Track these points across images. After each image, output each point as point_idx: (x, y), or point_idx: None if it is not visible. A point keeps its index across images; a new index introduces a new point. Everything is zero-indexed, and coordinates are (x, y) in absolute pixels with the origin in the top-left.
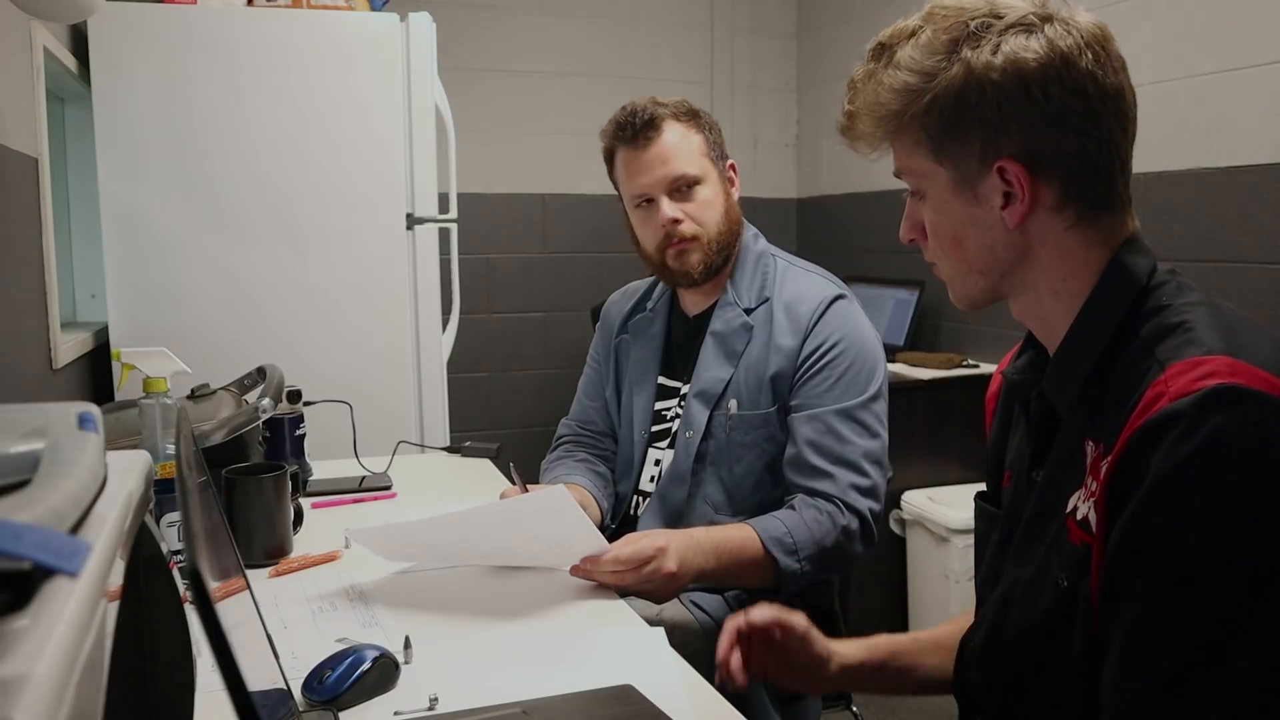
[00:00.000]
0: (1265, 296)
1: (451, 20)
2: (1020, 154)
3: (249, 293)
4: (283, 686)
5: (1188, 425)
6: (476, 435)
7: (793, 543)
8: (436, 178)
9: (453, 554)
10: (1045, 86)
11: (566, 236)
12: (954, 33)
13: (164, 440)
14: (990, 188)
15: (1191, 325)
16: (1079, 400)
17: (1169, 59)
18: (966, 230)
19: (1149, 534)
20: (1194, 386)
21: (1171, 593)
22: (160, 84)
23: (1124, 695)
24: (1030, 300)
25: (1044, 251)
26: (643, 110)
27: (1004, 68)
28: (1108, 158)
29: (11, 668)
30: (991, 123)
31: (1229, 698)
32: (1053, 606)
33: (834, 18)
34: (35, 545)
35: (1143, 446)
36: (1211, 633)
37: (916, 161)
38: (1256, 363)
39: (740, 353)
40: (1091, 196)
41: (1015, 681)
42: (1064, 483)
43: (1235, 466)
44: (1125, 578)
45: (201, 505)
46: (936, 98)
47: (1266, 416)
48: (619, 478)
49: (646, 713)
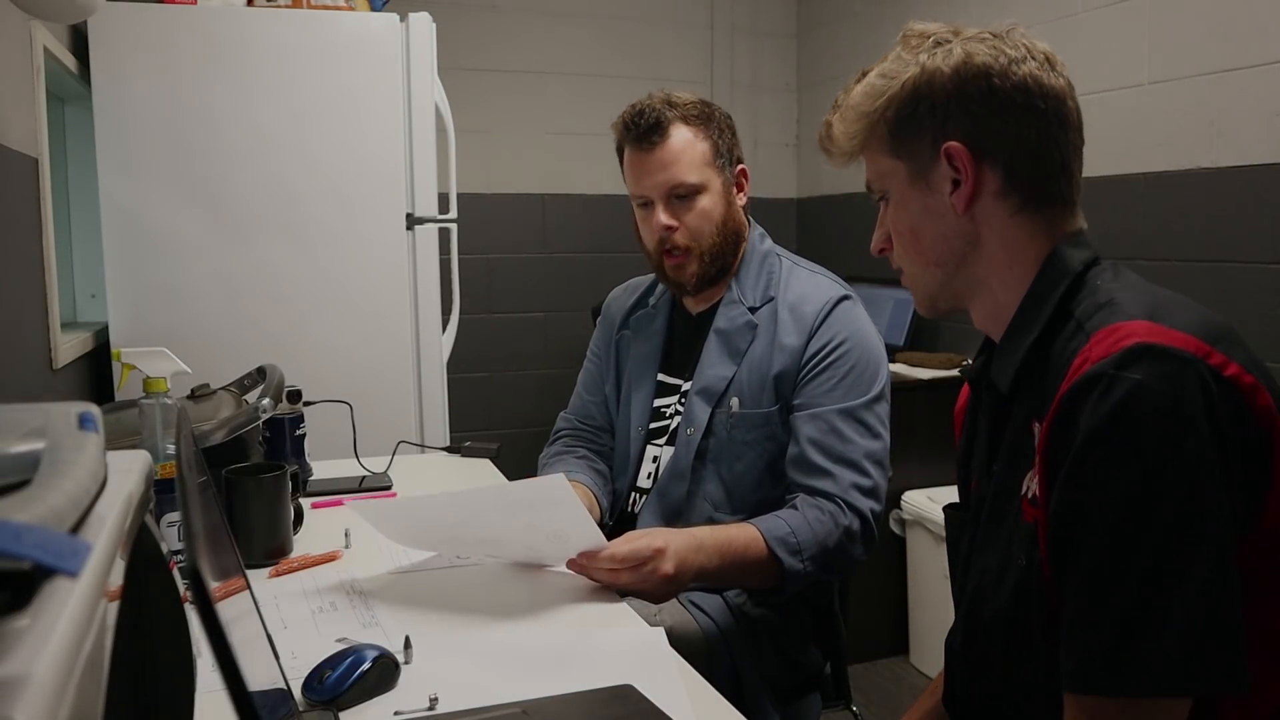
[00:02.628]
0: (1265, 296)
1: (451, 20)
2: (965, 138)
3: (249, 293)
4: (283, 686)
5: (1108, 383)
6: (476, 435)
7: (796, 543)
8: (436, 178)
9: (451, 541)
10: (990, 80)
11: (566, 236)
12: (917, 45)
13: (164, 440)
14: (941, 175)
15: (1118, 300)
16: (1023, 385)
17: (1169, 59)
18: (922, 220)
19: (1082, 491)
20: (1114, 349)
21: (1109, 544)
22: (160, 84)
23: (1081, 651)
24: (985, 300)
25: (991, 238)
26: (650, 111)
27: (954, 65)
28: (1048, 151)
29: (11, 668)
30: (940, 111)
31: (1179, 629)
32: (1015, 589)
33: (834, 18)
34: (35, 545)
35: (1070, 410)
36: (1151, 574)
37: (880, 161)
38: (1177, 326)
39: (744, 351)
40: (1033, 185)
41: (994, 673)
42: (1017, 467)
43: (1153, 417)
44: (1067, 539)
45: (201, 505)
46: (895, 95)
47: (1181, 369)
48: (616, 474)
49: (646, 713)
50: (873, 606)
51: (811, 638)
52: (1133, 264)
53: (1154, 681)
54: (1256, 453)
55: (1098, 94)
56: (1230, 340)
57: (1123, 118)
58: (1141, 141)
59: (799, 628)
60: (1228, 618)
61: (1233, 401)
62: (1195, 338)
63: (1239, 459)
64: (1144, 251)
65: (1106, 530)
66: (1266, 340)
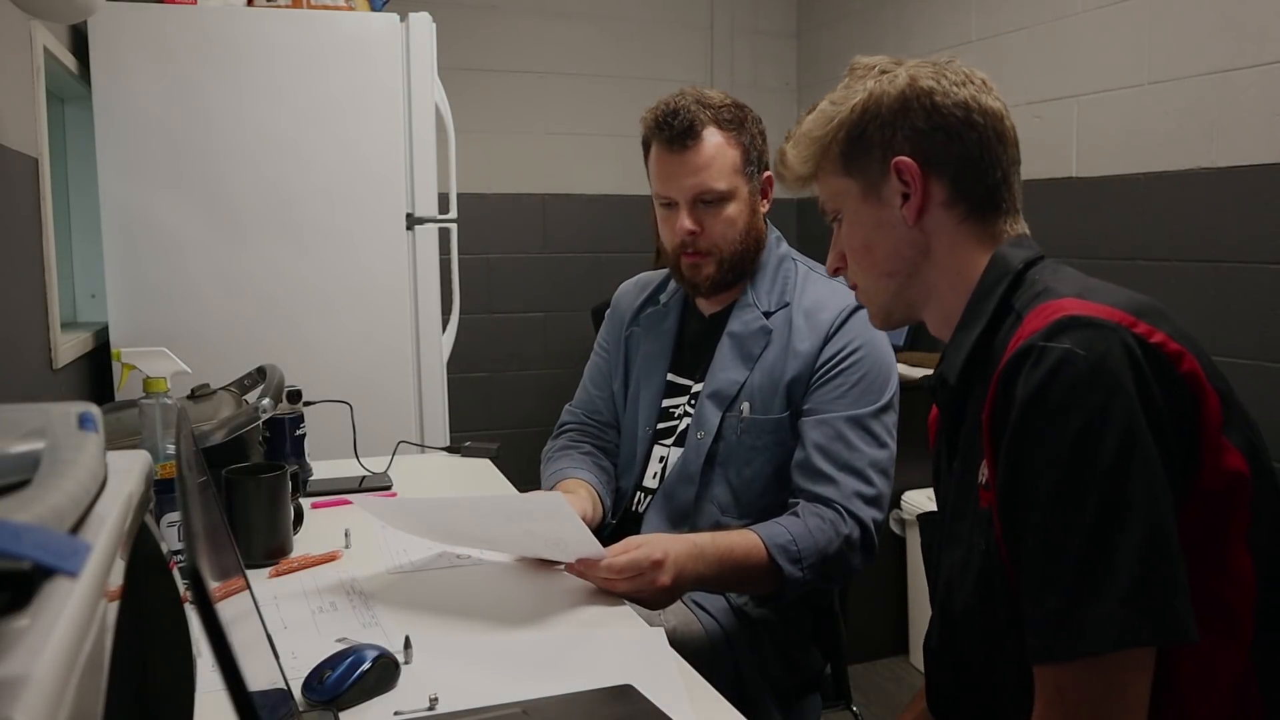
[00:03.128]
0: (1265, 296)
1: (451, 20)
2: (913, 153)
3: (249, 293)
4: (283, 686)
5: (1039, 354)
6: (476, 435)
7: (797, 550)
8: (436, 178)
9: (451, 534)
10: (933, 98)
11: (566, 236)
12: (864, 74)
13: (164, 440)
14: (891, 190)
15: (1051, 287)
16: (973, 380)
17: (1169, 59)
18: (875, 234)
19: (1021, 460)
20: (1044, 324)
21: (1051, 510)
22: (160, 84)
23: (1038, 623)
24: (936, 307)
25: (940, 247)
26: (685, 113)
27: (900, 87)
28: (990, 163)
29: (11, 668)
30: (888, 129)
31: (1123, 583)
32: (979, 577)
33: (834, 17)
34: (35, 545)
35: (1007, 384)
36: (1092, 534)
37: (832, 182)
38: (1105, 302)
39: (757, 356)
40: (978, 195)
41: (972, 667)
42: (973, 459)
43: (1082, 380)
44: (1014, 511)
45: (201, 505)
46: (845, 119)
47: (1106, 336)
48: (621, 472)
49: (646, 713)
50: (873, 606)
51: (812, 638)
52: (1133, 264)
53: (1104, 638)
54: (1186, 414)
55: (1098, 94)
56: (1156, 314)
57: (1123, 118)
58: (1141, 141)
59: (800, 628)
60: (1168, 567)
61: (1159, 365)
62: (1120, 310)
63: (1170, 420)
64: (1144, 251)
65: (1047, 497)
66: (1267, 340)
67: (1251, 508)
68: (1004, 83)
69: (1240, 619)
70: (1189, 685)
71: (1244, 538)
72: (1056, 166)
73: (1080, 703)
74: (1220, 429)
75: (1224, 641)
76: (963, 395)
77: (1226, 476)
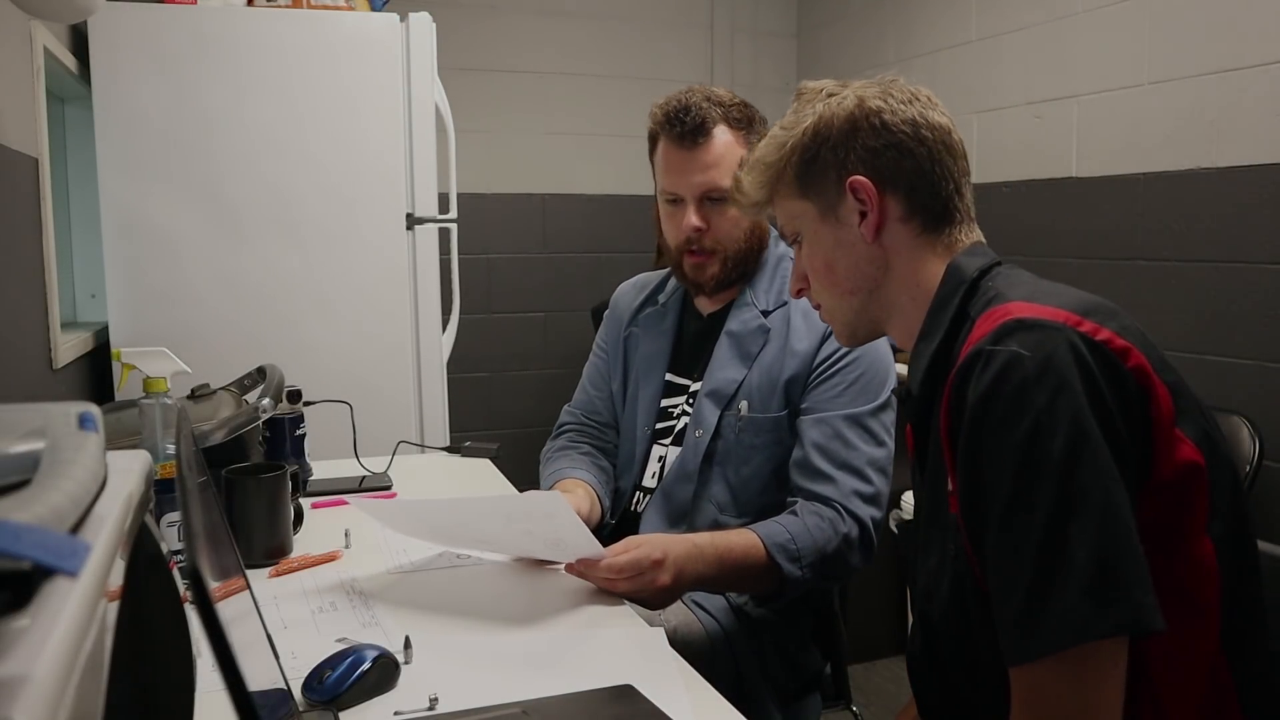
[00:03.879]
0: (1265, 296)
1: (451, 20)
2: (867, 171)
3: (249, 293)
4: (283, 686)
5: (986, 358)
6: (476, 435)
7: (796, 549)
8: (436, 178)
9: (450, 536)
10: (881, 116)
11: (566, 236)
12: (811, 98)
13: (164, 440)
14: (849, 209)
15: (1002, 292)
16: (935, 389)
17: (1169, 59)
18: (835, 253)
19: (976, 463)
20: (991, 328)
21: (1007, 508)
22: (160, 84)
23: (1007, 625)
24: (899, 320)
25: (899, 261)
26: (696, 110)
27: (849, 109)
28: (942, 175)
29: (11, 668)
30: (840, 149)
31: (1081, 577)
32: (952, 581)
33: (834, 18)
34: (35, 545)
35: (959, 391)
36: (1048, 530)
37: (789, 204)
38: (1051, 304)
39: (755, 355)
40: (933, 209)
41: (954, 671)
42: (941, 467)
43: (1029, 381)
44: (974, 515)
45: (201, 505)
46: (797, 143)
47: (1051, 336)
48: (620, 472)
49: (646, 713)
50: (873, 606)
51: (812, 638)
52: (1133, 264)
53: (1068, 632)
54: (1136, 409)
55: (1098, 94)
56: (1104, 313)
57: (1123, 118)
58: (1141, 141)
59: (800, 628)
60: (1127, 558)
61: (1105, 361)
62: (1066, 311)
63: (1120, 415)
64: (1144, 251)
65: (1002, 498)
66: (1267, 340)
67: (1210, 497)
68: (1004, 83)
69: (1208, 608)
70: (1162, 676)
71: (1204, 528)
72: (1056, 166)
73: (1054, 699)
74: (1172, 421)
75: (1194, 632)
76: (927, 404)
77: (1181, 468)
